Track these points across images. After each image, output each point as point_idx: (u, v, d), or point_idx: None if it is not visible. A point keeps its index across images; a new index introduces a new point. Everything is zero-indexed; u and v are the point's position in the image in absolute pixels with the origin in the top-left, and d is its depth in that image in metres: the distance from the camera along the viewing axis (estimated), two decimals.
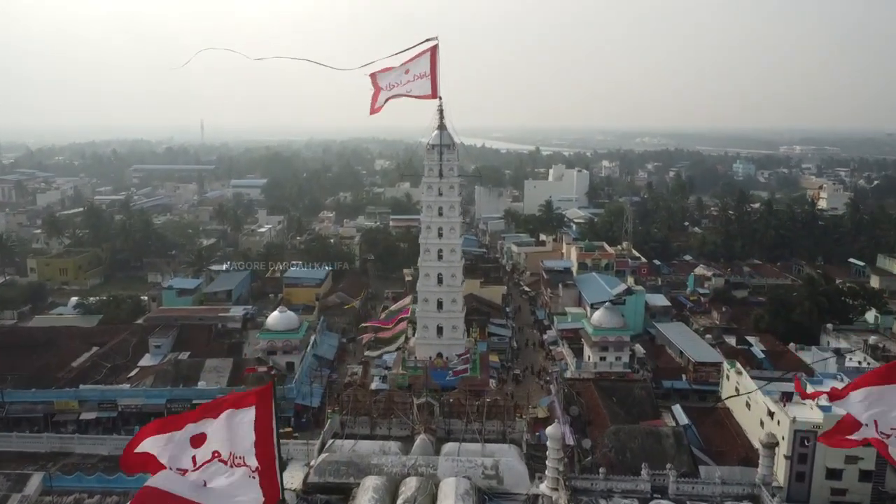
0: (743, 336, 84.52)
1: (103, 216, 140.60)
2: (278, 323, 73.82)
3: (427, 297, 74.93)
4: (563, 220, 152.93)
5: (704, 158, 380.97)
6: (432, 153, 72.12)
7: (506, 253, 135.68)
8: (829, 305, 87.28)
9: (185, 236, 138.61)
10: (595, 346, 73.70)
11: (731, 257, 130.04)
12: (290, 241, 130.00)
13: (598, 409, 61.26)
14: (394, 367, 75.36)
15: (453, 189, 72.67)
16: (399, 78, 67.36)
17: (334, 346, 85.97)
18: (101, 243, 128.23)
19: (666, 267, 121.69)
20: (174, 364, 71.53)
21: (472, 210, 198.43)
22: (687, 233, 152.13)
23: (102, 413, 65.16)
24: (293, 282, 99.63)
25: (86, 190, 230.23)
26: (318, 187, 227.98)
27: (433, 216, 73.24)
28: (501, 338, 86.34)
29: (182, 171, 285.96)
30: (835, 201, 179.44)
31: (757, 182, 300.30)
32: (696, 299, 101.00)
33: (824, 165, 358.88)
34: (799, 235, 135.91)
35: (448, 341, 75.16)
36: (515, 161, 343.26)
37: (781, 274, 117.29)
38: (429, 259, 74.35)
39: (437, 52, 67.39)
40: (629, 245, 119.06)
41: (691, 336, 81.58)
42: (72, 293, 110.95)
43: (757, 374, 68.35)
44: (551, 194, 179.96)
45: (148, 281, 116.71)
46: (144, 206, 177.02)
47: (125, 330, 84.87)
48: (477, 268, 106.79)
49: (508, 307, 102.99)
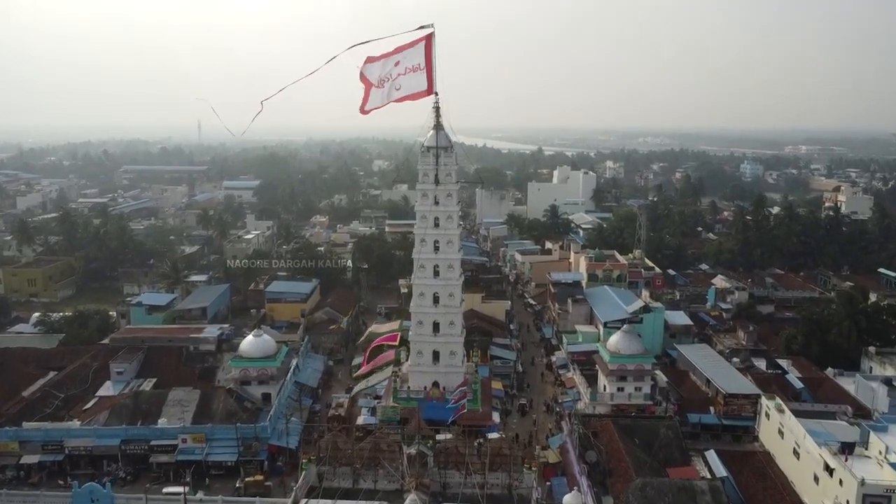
0: (773, 359, 76.07)
1: (79, 221, 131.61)
2: (253, 349, 65.16)
3: (421, 319, 66.17)
4: (569, 225, 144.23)
5: (710, 159, 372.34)
6: (427, 156, 63.32)
7: (509, 261, 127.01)
8: (867, 325, 78.73)
9: (167, 243, 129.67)
10: (612, 374, 64.99)
11: (750, 266, 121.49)
12: (277, 249, 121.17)
13: (620, 455, 52.58)
14: (384, 397, 66.62)
15: (451, 197, 63.81)
16: (389, 70, 58.36)
17: (319, 370, 77.34)
18: (75, 251, 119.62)
19: (681, 277, 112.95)
20: (133, 396, 62.90)
21: (472, 214, 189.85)
22: (701, 239, 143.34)
23: (47, 456, 56.86)
24: (276, 296, 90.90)
25: (71, 192, 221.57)
26: (312, 189, 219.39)
27: (428, 228, 64.44)
28: (505, 361, 77.69)
29: (174, 172, 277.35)
30: (854, 205, 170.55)
31: (766, 183, 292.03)
32: (717, 315, 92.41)
33: (834, 166, 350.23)
34: (822, 243, 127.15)
35: (445, 369, 66.47)
36: (517, 162, 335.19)
37: (807, 285, 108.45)
38: (423, 276, 65.59)
39: (432, 41, 58.86)
40: (642, 254, 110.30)
41: (717, 361, 72.87)
42: (40, 307, 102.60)
43: (798, 407, 59.89)
44: (556, 197, 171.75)
45: (123, 293, 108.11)
46: (126, 210, 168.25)
47: (87, 352, 76.11)
48: (478, 280, 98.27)
49: (512, 323, 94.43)
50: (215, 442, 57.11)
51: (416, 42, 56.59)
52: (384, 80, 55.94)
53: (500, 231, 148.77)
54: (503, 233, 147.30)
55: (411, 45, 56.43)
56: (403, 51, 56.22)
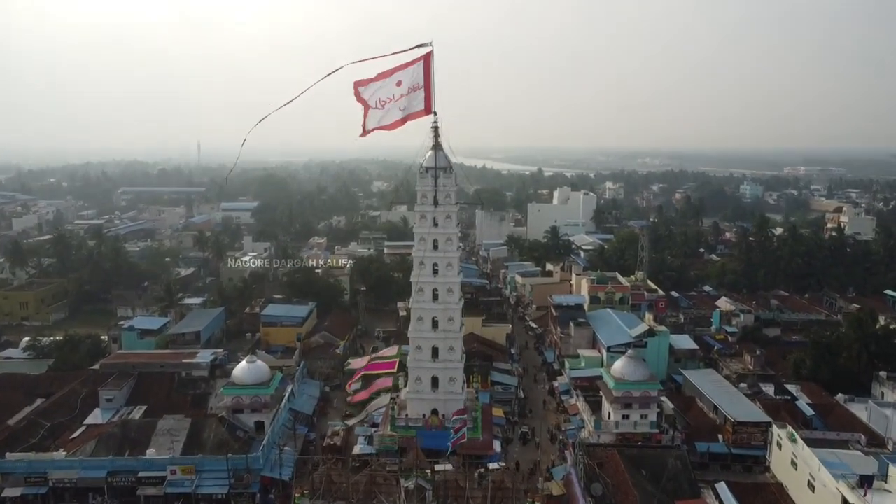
0: (782, 384, 74.00)
1: (73, 243, 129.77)
2: (246, 375, 63.02)
3: (420, 345, 64.25)
4: (570, 247, 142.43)
5: (710, 179, 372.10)
6: (426, 177, 61.84)
7: (509, 283, 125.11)
8: (878, 349, 76.72)
9: (162, 265, 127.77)
10: (617, 402, 62.83)
11: (754, 288, 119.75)
12: (273, 271, 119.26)
13: (626, 488, 50.41)
14: (382, 425, 64.52)
15: (450, 219, 62.20)
16: (390, 91, 56.66)
17: (315, 396, 75.12)
18: (69, 274, 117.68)
19: (685, 300, 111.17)
20: (121, 425, 60.65)
21: (472, 235, 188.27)
22: (703, 260, 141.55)
23: (30, 489, 54.50)
24: (272, 320, 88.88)
25: (69, 213, 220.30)
26: (311, 210, 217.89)
27: (427, 250, 62.76)
28: (506, 387, 75.56)
29: (172, 193, 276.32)
30: (857, 225, 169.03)
31: (766, 204, 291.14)
32: (723, 339, 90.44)
33: (834, 186, 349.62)
34: (827, 264, 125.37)
35: (445, 396, 64.42)
36: (517, 182, 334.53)
37: (813, 308, 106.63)
38: (422, 300, 63.77)
39: (431, 60, 57.62)
40: (644, 276, 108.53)
41: (725, 387, 70.70)
42: (31, 330, 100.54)
43: (809, 435, 57.68)
44: (556, 218, 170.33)
45: (117, 316, 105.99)
46: (122, 232, 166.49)
47: (76, 378, 74.07)
48: (478, 303, 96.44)
49: (513, 347, 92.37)
50: (205, 473, 54.84)
51: (415, 61, 55.31)
52: (385, 101, 54.55)
53: (500, 253, 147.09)
54: (503, 254, 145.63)
55: (410, 65, 55.15)
56: (402, 70, 54.95)
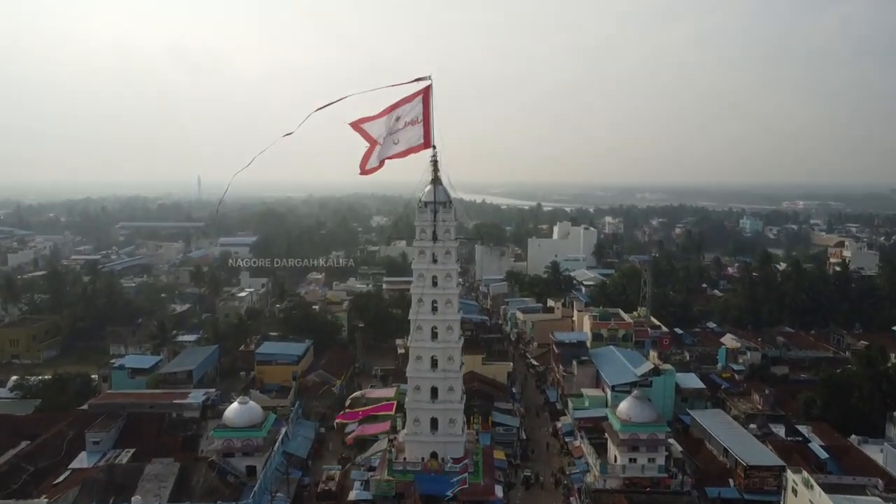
0: (793, 425, 71.63)
1: (67, 279, 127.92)
2: (238, 417, 60.78)
3: (419, 385, 62.06)
4: (571, 282, 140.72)
5: (709, 214, 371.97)
6: (425, 212, 60.46)
7: (510, 320, 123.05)
8: (889, 387, 74.55)
9: (157, 301, 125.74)
10: (623, 444, 60.50)
11: (759, 324, 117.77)
12: (270, 308, 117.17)
13: None
14: (379, 469, 62.03)
15: (450, 255, 60.63)
16: (391, 126, 56.24)
17: (310, 438, 72.58)
18: (62, 310, 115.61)
19: (689, 336, 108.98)
20: (107, 470, 58.10)
21: (471, 270, 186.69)
22: (706, 296, 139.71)
23: None
24: (267, 358, 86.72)
25: (66, 249, 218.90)
26: (310, 246, 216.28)
27: (426, 287, 61.04)
28: (508, 428, 73.09)
29: (170, 228, 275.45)
30: (860, 260, 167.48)
31: (767, 238, 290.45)
32: (729, 377, 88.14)
33: (834, 221, 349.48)
34: (832, 299, 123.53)
35: (444, 438, 61.97)
36: (517, 217, 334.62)
37: (820, 344, 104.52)
38: (421, 338, 61.80)
39: (430, 94, 56.86)
40: (647, 312, 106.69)
41: (734, 428, 68.34)
42: (21, 369, 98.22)
43: (824, 479, 55.19)
44: (557, 253, 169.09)
45: (109, 353, 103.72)
46: (119, 268, 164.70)
47: (63, 419, 71.51)
48: (478, 340, 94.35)
49: (515, 386, 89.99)
50: None
51: (414, 96, 54.58)
52: (385, 136, 53.71)
53: (500, 288, 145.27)
54: (503, 290, 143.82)
55: (409, 100, 54.40)
56: (402, 105, 54.23)
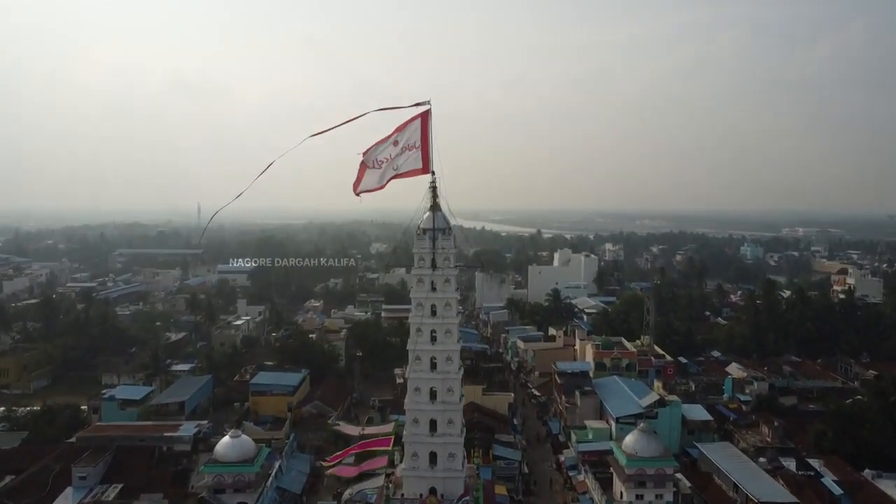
0: (803, 458, 69.27)
1: (60, 307, 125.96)
2: (229, 452, 58.67)
3: (417, 417, 59.83)
4: (572, 310, 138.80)
5: (710, 241, 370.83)
6: (423, 239, 58.87)
7: (510, 348, 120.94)
8: None
9: (152, 330, 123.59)
10: (629, 480, 58.28)
11: (764, 353, 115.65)
12: (266, 336, 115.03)
13: None
14: None
15: (449, 283, 58.93)
16: (387, 151, 55.14)
17: (305, 472, 70.26)
18: (55, 338, 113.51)
19: (693, 365, 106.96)
20: None
21: (471, 297, 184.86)
22: (710, 324, 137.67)
23: None
24: (261, 389, 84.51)
25: (62, 276, 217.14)
26: (308, 273, 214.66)
27: (425, 316, 59.20)
28: (509, 462, 70.81)
29: (168, 255, 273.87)
30: (864, 288, 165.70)
31: (768, 265, 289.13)
32: (736, 408, 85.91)
33: (834, 248, 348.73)
34: (838, 328, 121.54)
35: (444, 473, 59.53)
36: (516, 244, 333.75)
37: (828, 374, 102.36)
38: (419, 369, 59.75)
39: (429, 119, 55.87)
40: (651, 340, 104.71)
41: (744, 462, 66.13)
42: (10, 399, 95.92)
43: None
44: (557, 280, 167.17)
45: (102, 383, 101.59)
46: (114, 295, 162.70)
47: (50, 453, 69.25)
48: (478, 370, 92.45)
49: (516, 417, 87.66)
50: None
51: (413, 120, 53.63)
52: (382, 161, 52.67)
53: (500, 316, 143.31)
54: (504, 318, 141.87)
55: (407, 124, 53.45)
56: (400, 131, 53.32)
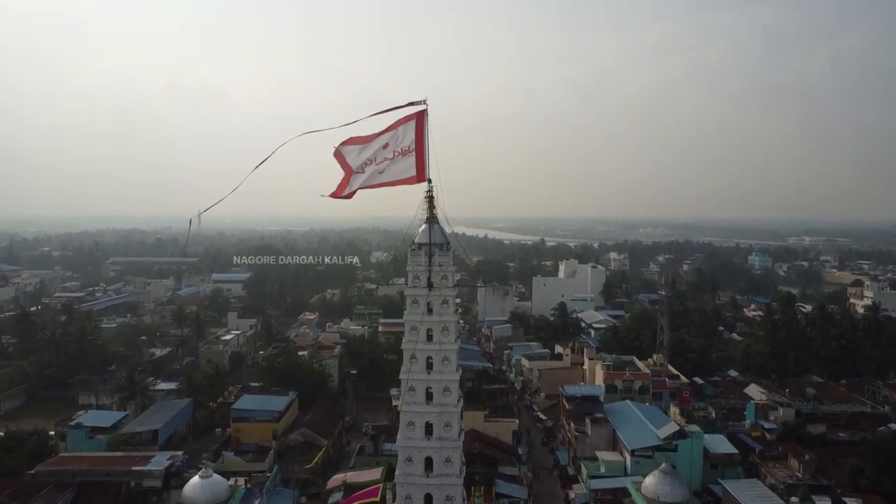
0: (840, 497, 62.39)
1: (38, 321, 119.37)
2: (199, 494, 52.24)
3: (411, 455, 53.22)
4: (580, 325, 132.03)
5: (716, 250, 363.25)
6: (418, 255, 52.41)
7: (514, 366, 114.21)
8: None
9: (135, 345, 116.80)
10: None
11: (784, 372, 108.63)
12: (253, 355, 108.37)
13: None
14: None
15: (447, 305, 52.38)
16: (375, 154, 48.38)
17: None
18: (30, 355, 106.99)
19: (709, 386, 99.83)
20: None
21: (473, 310, 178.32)
22: (724, 340, 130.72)
23: None
24: (244, 414, 77.79)
25: (53, 285, 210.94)
26: (305, 283, 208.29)
27: (419, 342, 52.68)
28: (514, 501, 64.02)
29: (163, 263, 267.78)
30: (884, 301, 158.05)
31: (777, 276, 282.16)
32: (760, 436, 79.00)
33: (844, 258, 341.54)
34: (861, 346, 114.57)
35: None
36: (519, 253, 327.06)
37: (854, 396, 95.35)
38: (413, 401, 53.25)
39: (425, 120, 49.28)
40: (664, 360, 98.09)
41: (774, 502, 59.30)
42: None
43: None
44: (563, 292, 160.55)
45: (79, 404, 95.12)
46: (101, 307, 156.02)
47: (8, 488, 62.79)
48: (480, 393, 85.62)
49: (521, 446, 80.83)
50: None
51: (406, 120, 47.19)
52: (367, 164, 46.22)
53: (503, 331, 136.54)
54: (507, 333, 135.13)
55: (399, 124, 47.06)
56: (390, 131, 46.84)
